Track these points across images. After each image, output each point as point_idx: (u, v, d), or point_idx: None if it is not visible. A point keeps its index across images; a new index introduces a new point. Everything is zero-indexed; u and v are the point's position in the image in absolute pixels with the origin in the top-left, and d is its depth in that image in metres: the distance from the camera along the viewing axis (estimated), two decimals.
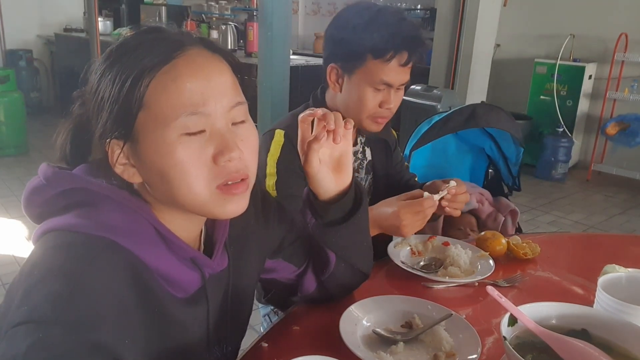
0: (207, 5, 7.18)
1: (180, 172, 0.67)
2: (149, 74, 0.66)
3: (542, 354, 0.83)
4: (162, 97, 0.66)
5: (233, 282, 0.86)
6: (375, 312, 1.04)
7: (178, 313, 0.74)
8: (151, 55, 0.67)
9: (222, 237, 0.82)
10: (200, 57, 0.69)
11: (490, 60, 4.56)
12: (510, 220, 1.83)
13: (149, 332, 0.68)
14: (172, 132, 0.66)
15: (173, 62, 0.67)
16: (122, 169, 0.70)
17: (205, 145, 0.68)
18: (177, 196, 0.69)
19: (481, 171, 2.00)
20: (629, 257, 1.32)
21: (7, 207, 3.75)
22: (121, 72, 0.67)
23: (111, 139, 0.68)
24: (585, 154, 5.25)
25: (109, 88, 0.67)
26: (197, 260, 0.76)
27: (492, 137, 1.89)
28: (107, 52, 0.70)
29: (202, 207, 0.71)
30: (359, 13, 1.32)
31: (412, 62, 1.32)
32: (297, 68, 4.39)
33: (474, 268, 1.28)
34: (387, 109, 1.34)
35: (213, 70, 0.70)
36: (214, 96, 0.68)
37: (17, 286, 0.63)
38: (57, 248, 0.66)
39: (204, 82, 0.68)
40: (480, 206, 1.83)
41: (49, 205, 0.72)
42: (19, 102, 5.01)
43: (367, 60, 1.29)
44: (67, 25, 6.54)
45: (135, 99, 0.66)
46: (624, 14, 4.76)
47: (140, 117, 0.67)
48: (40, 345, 0.56)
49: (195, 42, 0.71)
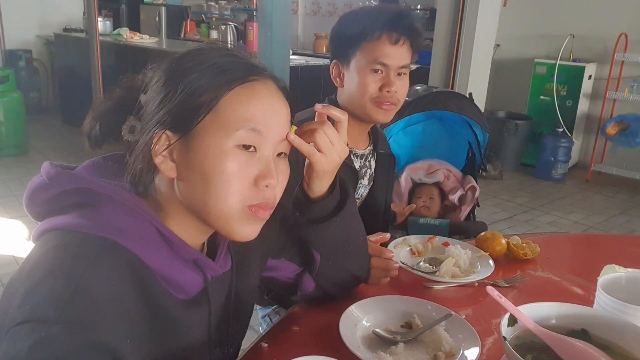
0: (207, 5, 7.19)
1: (224, 181, 0.70)
2: (229, 85, 0.70)
3: (541, 354, 0.83)
4: (234, 107, 0.70)
5: (236, 285, 0.86)
6: (375, 312, 1.04)
7: (179, 314, 0.74)
8: (235, 70, 0.72)
9: (225, 240, 0.82)
10: (272, 88, 0.75)
11: (490, 60, 4.57)
12: (470, 195, 2.07)
13: (150, 332, 0.68)
14: (230, 141, 0.70)
15: (252, 82, 0.72)
16: (161, 159, 0.71)
17: (252, 165, 0.72)
18: (209, 203, 0.71)
19: (462, 154, 2.21)
20: (629, 258, 1.31)
21: (7, 207, 3.75)
22: (201, 74, 0.70)
23: (166, 130, 0.70)
24: (585, 154, 5.25)
25: (185, 83, 0.70)
26: (199, 262, 0.76)
27: (469, 124, 2.10)
28: (187, 52, 0.74)
29: (226, 221, 0.73)
30: (352, 11, 1.43)
31: (406, 43, 1.35)
32: (296, 68, 4.39)
33: (474, 268, 1.28)
34: (388, 92, 1.35)
35: (280, 102, 0.75)
36: (274, 123, 0.74)
37: (17, 285, 0.63)
38: (59, 247, 0.66)
39: (272, 108, 0.74)
40: (446, 180, 2.10)
41: (51, 204, 0.72)
42: (19, 102, 5.01)
43: (359, 44, 1.34)
44: (66, 26, 6.53)
45: (209, 102, 0.69)
46: (624, 14, 4.76)
47: (206, 119, 0.69)
48: (42, 345, 0.56)
49: (267, 73, 0.76)
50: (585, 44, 4.97)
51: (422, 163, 2.13)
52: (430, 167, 2.12)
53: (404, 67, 1.37)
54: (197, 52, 0.74)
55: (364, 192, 1.55)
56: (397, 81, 1.36)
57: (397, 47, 1.34)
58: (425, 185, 2.07)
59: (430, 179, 2.08)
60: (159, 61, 0.76)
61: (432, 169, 2.12)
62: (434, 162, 2.13)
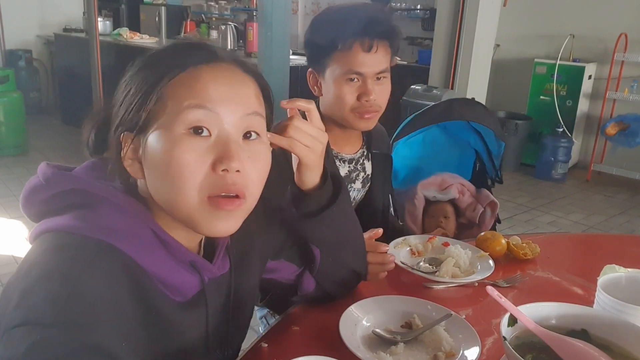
0: (207, 5, 7.19)
1: (177, 171, 0.66)
2: (173, 72, 0.68)
3: (541, 354, 0.83)
4: (178, 92, 0.68)
5: (235, 286, 0.86)
6: (375, 312, 1.04)
7: (175, 316, 0.74)
8: (182, 59, 0.70)
9: (223, 241, 0.81)
10: (228, 71, 0.71)
11: (490, 60, 4.57)
12: (489, 211, 1.87)
13: (147, 335, 0.68)
14: (177, 127, 0.66)
15: (200, 67, 0.69)
16: (130, 162, 0.71)
17: (207, 150, 0.67)
18: (169, 198, 0.69)
19: (469, 164, 2.04)
20: (629, 258, 1.31)
21: (7, 207, 3.75)
22: (147, 72, 0.70)
23: (124, 132, 0.70)
24: (585, 154, 5.25)
25: (135, 84, 0.70)
26: (196, 264, 0.75)
27: (478, 132, 1.95)
28: (144, 56, 0.74)
29: (190, 217, 0.69)
30: (322, 15, 1.34)
31: (382, 47, 1.28)
32: (296, 68, 4.39)
33: (474, 268, 1.28)
34: (367, 102, 1.29)
35: (236, 80, 0.71)
36: (228, 100, 0.69)
37: (14, 287, 0.63)
38: (55, 249, 0.66)
39: (223, 87, 0.69)
40: (461, 196, 1.88)
41: (47, 205, 0.72)
42: (19, 102, 5.01)
43: (331, 53, 1.28)
44: (66, 26, 6.53)
45: (154, 93, 0.68)
46: (624, 14, 4.76)
47: (154, 110, 0.68)
48: (39, 347, 0.56)
49: (229, 58, 0.73)
50: (585, 44, 4.97)
51: (434, 178, 1.90)
52: (443, 182, 1.90)
53: (381, 72, 1.31)
54: (151, 54, 0.74)
55: (357, 195, 1.51)
56: (376, 87, 1.30)
57: (372, 54, 1.27)
58: (439, 203, 1.86)
59: (445, 195, 1.87)
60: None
61: (446, 184, 1.89)
62: (446, 176, 1.91)
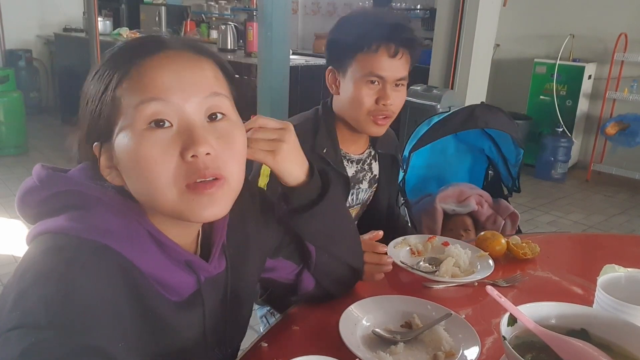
0: (207, 5, 7.18)
1: (145, 169, 0.65)
2: (121, 72, 0.67)
3: (541, 353, 0.83)
4: (130, 90, 0.66)
5: (232, 285, 0.85)
6: (375, 312, 1.04)
7: (172, 316, 0.74)
8: (128, 56, 0.68)
9: (219, 240, 0.81)
10: (179, 57, 0.69)
11: (490, 60, 4.56)
12: (509, 224, 1.81)
13: (144, 335, 0.68)
14: (136, 124, 0.65)
15: (147, 60, 0.67)
16: (108, 172, 0.70)
17: (172, 141, 0.66)
18: (148, 196, 0.68)
19: (481, 172, 1.99)
20: (629, 257, 1.32)
21: (7, 207, 3.75)
22: (101, 77, 0.68)
23: (94, 142, 0.70)
24: (584, 154, 5.25)
25: (90, 93, 0.69)
26: (192, 264, 0.75)
27: (492, 138, 1.88)
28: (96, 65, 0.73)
29: (174, 209, 0.68)
30: (350, 16, 1.38)
31: (405, 55, 1.32)
32: (296, 68, 4.39)
33: (474, 268, 1.28)
34: (384, 105, 1.32)
35: (187, 65, 0.69)
36: (184, 87, 0.67)
37: (10, 289, 0.63)
38: (49, 251, 0.65)
39: (174, 74, 0.67)
40: (480, 208, 1.81)
41: (42, 206, 0.71)
42: (19, 102, 5.01)
43: (356, 54, 1.31)
44: (66, 25, 6.53)
45: (109, 99, 0.67)
46: (624, 14, 4.76)
47: (112, 114, 0.67)
48: (34, 350, 0.56)
49: (179, 45, 0.70)
50: (585, 43, 4.97)
51: (452, 190, 1.84)
52: (461, 194, 1.83)
53: (401, 79, 1.34)
54: (101, 61, 0.72)
55: (364, 196, 1.53)
56: (394, 93, 1.33)
57: (395, 60, 1.31)
58: (458, 216, 1.79)
59: (465, 208, 1.80)
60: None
61: (464, 195, 1.83)
62: (463, 186, 1.86)
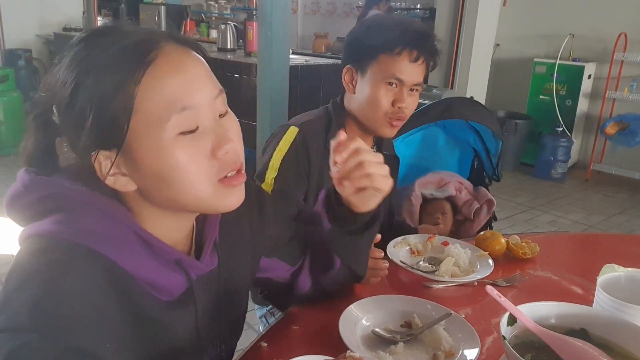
0: (207, 4, 7.18)
1: (182, 173, 0.67)
2: (134, 80, 0.64)
3: (541, 353, 0.83)
4: (150, 99, 0.64)
5: (224, 282, 0.85)
6: (375, 311, 1.04)
7: (163, 316, 0.73)
8: (131, 60, 0.65)
9: (211, 237, 0.80)
10: (174, 52, 0.68)
11: (490, 60, 4.57)
12: (485, 208, 1.91)
13: (134, 335, 0.68)
14: (167, 134, 0.65)
15: (154, 62, 0.65)
16: (113, 180, 0.67)
17: (201, 142, 0.68)
18: (180, 196, 0.69)
19: (467, 163, 2.09)
20: (628, 257, 1.32)
21: None
22: (101, 82, 0.64)
23: (99, 151, 0.66)
24: (584, 153, 5.25)
25: (89, 99, 0.64)
26: (182, 262, 0.75)
27: (477, 131, 1.99)
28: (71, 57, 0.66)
29: (206, 203, 0.71)
30: (376, 18, 1.43)
31: (425, 61, 1.35)
32: (296, 67, 4.38)
33: (473, 268, 1.28)
34: (399, 108, 1.34)
35: (188, 63, 0.68)
36: (196, 88, 0.67)
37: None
38: (33, 254, 0.65)
39: (184, 75, 0.67)
40: (458, 194, 1.92)
41: (28, 210, 0.71)
42: (18, 101, 5.01)
43: (378, 55, 1.33)
44: (66, 25, 6.54)
45: (125, 108, 0.64)
46: (623, 13, 4.76)
47: (132, 124, 0.65)
48: (20, 353, 0.56)
49: (164, 36, 0.69)
50: (584, 43, 4.97)
51: (431, 176, 1.95)
52: (441, 181, 1.95)
53: (417, 84, 1.36)
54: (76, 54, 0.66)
55: None
56: (409, 97, 1.36)
57: (415, 65, 1.33)
58: (436, 201, 1.91)
59: (443, 193, 1.92)
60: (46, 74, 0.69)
61: (443, 182, 1.95)
62: (444, 174, 1.97)
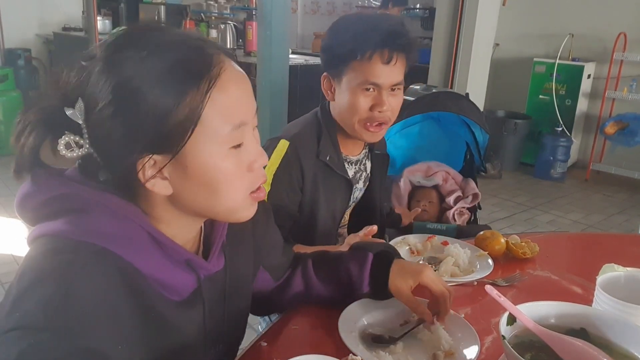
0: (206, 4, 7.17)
1: (228, 184, 0.70)
2: (201, 92, 0.65)
3: (540, 353, 0.83)
4: (214, 113, 0.67)
5: (230, 283, 0.86)
6: (374, 311, 1.04)
7: (173, 316, 0.74)
8: (197, 71, 0.65)
9: (219, 239, 0.82)
10: (232, 67, 0.70)
11: (489, 60, 4.56)
12: (470, 199, 2.03)
13: (144, 336, 0.68)
14: (223, 147, 0.69)
15: (220, 77, 0.67)
16: (152, 183, 0.68)
17: (243, 155, 0.71)
18: (216, 206, 0.72)
19: (460, 155, 2.17)
20: (628, 257, 1.32)
21: (6, 206, 3.74)
22: (164, 89, 0.64)
23: (148, 155, 0.66)
24: (584, 153, 5.25)
25: (148, 99, 0.63)
26: (192, 262, 0.76)
27: (468, 125, 2.06)
28: (114, 58, 0.65)
29: (232, 213, 0.75)
30: (344, 20, 1.35)
31: (400, 60, 1.29)
32: (296, 67, 4.39)
33: (473, 267, 1.28)
34: (379, 112, 1.30)
35: (244, 78, 0.71)
36: (249, 104, 0.71)
37: (10, 291, 0.63)
38: (47, 253, 0.65)
39: (242, 92, 0.70)
40: (444, 183, 2.05)
41: (40, 210, 0.71)
42: (18, 101, 5.01)
43: (350, 62, 1.29)
44: (66, 24, 6.52)
45: (190, 118, 0.65)
46: (623, 13, 4.76)
47: (187, 132, 0.66)
48: (32, 352, 0.56)
49: (220, 49, 0.70)
50: (584, 43, 4.97)
51: (420, 165, 2.08)
52: (428, 170, 2.08)
53: (397, 84, 1.31)
54: (139, 50, 0.65)
55: (359, 194, 1.54)
56: (390, 98, 1.31)
57: (390, 66, 1.27)
58: (424, 189, 2.04)
59: (429, 182, 2.05)
60: (87, 66, 0.66)
61: (431, 171, 2.07)
62: (432, 164, 2.09)
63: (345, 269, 1.05)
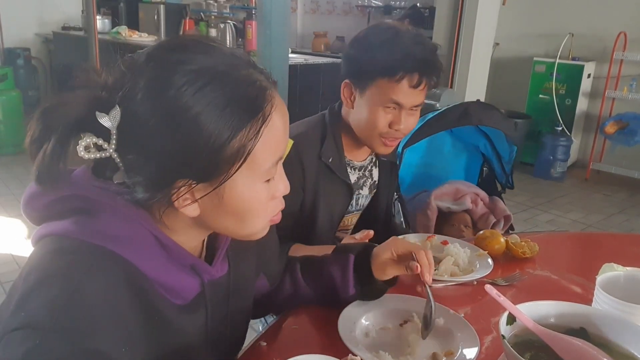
0: (206, 3, 7.16)
1: (256, 213, 0.73)
2: (254, 131, 0.66)
3: (540, 352, 0.83)
4: (263, 148, 0.68)
5: (232, 288, 0.86)
6: (374, 311, 1.04)
7: (176, 319, 0.74)
8: (253, 101, 0.66)
9: (224, 244, 0.82)
10: (280, 103, 0.71)
11: (489, 59, 4.57)
12: (502, 224, 1.86)
13: (148, 338, 0.68)
14: (261, 179, 0.71)
15: (271, 116, 0.68)
16: (181, 203, 0.67)
17: (272, 186, 0.74)
18: (239, 230, 0.74)
19: (476, 169, 2.03)
20: (628, 256, 1.32)
21: (6, 206, 3.74)
22: (225, 122, 0.63)
23: (189, 180, 0.65)
24: (584, 152, 5.25)
25: (199, 125, 0.62)
26: (196, 267, 0.76)
27: (487, 135, 1.91)
28: (178, 73, 0.63)
29: (250, 236, 0.77)
30: (377, 33, 1.33)
31: (426, 84, 1.30)
32: (295, 67, 4.38)
33: (473, 267, 1.28)
34: (396, 130, 1.32)
35: (285, 112, 0.72)
36: (287, 138, 0.74)
37: (15, 290, 0.63)
38: (54, 253, 0.65)
39: (286, 130, 0.72)
40: (474, 207, 1.86)
41: (47, 210, 0.71)
42: (17, 100, 5.00)
43: (378, 78, 1.28)
44: (65, 24, 6.52)
45: (240, 153, 0.65)
46: (623, 12, 4.76)
47: (235, 163, 0.66)
48: (37, 352, 0.56)
49: (267, 78, 0.70)
50: (584, 42, 4.97)
51: (447, 187, 1.87)
52: (457, 192, 1.87)
53: (417, 105, 1.33)
54: (195, 73, 0.63)
55: (364, 202, 1.54)
56: (409, 117, 1.33)
57: (417, 90, 1.29)
58: (458, 213, 1.84)
59: (460, 206, 1.84)
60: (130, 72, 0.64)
61: (460, 193, 1.86)
62: (459, 184, 1.89)
63: (328, 273, 1.06)
